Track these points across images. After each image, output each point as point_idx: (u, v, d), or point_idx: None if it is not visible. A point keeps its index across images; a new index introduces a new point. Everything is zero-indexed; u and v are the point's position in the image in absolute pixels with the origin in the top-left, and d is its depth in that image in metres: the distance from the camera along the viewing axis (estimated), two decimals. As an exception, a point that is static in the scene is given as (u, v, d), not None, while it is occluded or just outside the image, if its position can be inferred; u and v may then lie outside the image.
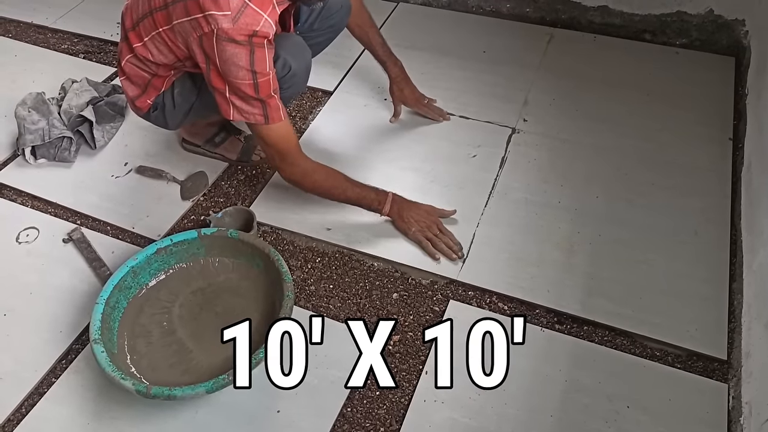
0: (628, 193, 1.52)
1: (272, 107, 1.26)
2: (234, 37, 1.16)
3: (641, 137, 1.65)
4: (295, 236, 1.49)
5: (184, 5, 1.19)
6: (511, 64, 1.91)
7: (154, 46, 1.31)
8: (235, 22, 1.15)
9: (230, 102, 1.24)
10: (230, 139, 1.67)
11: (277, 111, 1.27)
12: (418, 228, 1.42)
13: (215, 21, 1.15)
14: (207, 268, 1.36)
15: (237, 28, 1.15)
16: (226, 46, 1.17)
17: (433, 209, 1.46)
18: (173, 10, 1.22)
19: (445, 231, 1.43)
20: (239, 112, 1.26)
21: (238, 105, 1.25)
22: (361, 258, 1.44)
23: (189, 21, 1.19)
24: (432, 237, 1.41)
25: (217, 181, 1.64)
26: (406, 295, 1.36)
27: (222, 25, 1.15)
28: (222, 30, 1.15)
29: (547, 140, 1.67)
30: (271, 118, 1.27)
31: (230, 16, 1.15)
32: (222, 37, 1.16)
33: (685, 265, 1.36)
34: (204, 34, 1.18)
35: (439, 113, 1.74)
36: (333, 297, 1.37)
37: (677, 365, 1.22)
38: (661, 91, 1.78)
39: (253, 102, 1.24)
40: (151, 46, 1.31)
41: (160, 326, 1.28)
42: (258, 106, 1.24)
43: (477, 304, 1.34)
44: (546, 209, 1.50)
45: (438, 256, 1.40)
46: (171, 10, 1.22)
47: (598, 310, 1.29)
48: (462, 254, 1.41)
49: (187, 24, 1.20)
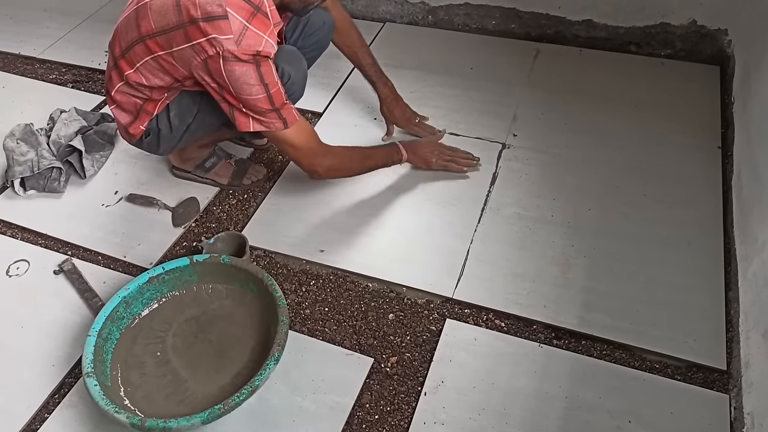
0: (620, 206, 1.52)
1: (287, 112, 1.31)
2: (240, 57, 1.20)
3: (631, 148, 1.66)
4: (289, 259, 1.49)
5: (184, 32, 1.21)
6: (498, 80, 1.93)
7: (148, 71, 1.32)
8: (239, 44, 1.19)
9: (249, 115, 1.29)
10: (221, 164, 1.67)
11: (292, 114, 1.32)
12: (436, 156, 1.59)
13: (219, 44, 1.19)
14: (200, 296, 1.35)
15: (241, 49, 1.19)
16: (234, 66, 1.20)
17: (430, 138, 1.66)
18: (173, 36, 1.23)
19: (453, 148, 1.63)
20: (259, 122, 1.30)
21: (256, 117, 1.30)
22: (356, 279, 1.43)
23: (191, 46, 1.21)
24: (451, 158, 1.60)
25: (209, 206, 1.63)
26: (402, 316, 1.35)
27: (227, 47, 1.18)
28: (228, 51, 1.19)
29: (538, 154, 1.68)
30: (289, 120, 1.32)
31: (233, 38, 1.19)
32: (228, 58, 1.20)
33: (680, 276, 1.36)
34: (209, 57, 1.21)
35: (430, 131, 1.74)
36: (328, 320, 1.36)
37: (677, 377, 1.21)
38: (649, 102, 1.79)
39: (269, 114, 1.28)
40: (145, 71, 1.32)
41: (154, 356, 1.26)
42: (274, 116, 1.30)
43: (474, 321, 1.33)
44: (539, 224, 1.50)
45: (465, 169, 1.60)
46: (170, 36, 1.24)
47: (595, 324, 1.29)
48: (478, 157, 1.62)
49: (188, 49, 1.22)
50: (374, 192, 1.61)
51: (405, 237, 1.49)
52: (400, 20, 2.23)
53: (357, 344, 1.31)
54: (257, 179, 1.66)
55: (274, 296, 1.24)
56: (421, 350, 1.29)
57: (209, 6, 1.19)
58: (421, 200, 1.58)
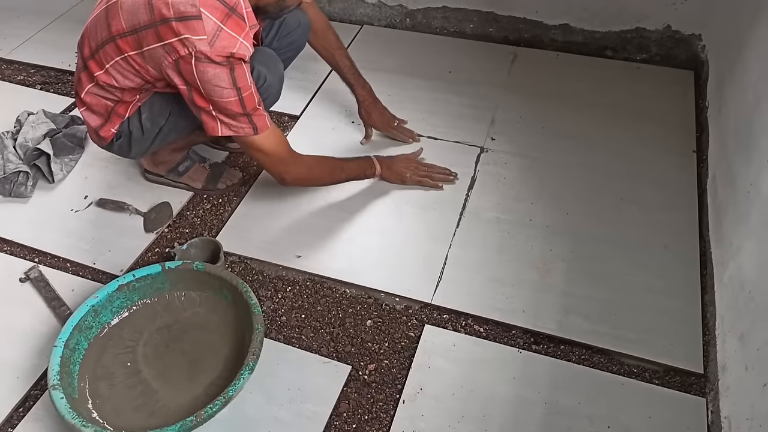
0: (598, 209, 1.52)
1: (259, 117, 1.28)
2: (213, 58, 1.17)
3: (608, 152, 1.67)
4: (264, 265, 1.46)
5: (155, 31, 1.18)
6: (476, 83, 1.92)
7: (118, 72, 1.28)
8: (212, 45, 1.16)
9: (217, 118, 1.25)
10: (195, 168, 1.63)
11: (263, 119, 1.29)
12: (411, 172, 1.58)
13: (192, 44, 1.16)
14: (172, 304, 1.31)
15: (214, 50, 1.16)
16: (206, 68, 1.17)
17: (407, 155, 1.63)
18: (143, 36, 1.20)
19: (430, 165, 1.62)
20: (228, 127, 1.27)
21: (226, 121, 1.26)
22: (333, 285, 1.41)
23: (162, 46, 1.18)
24: (426, 174, 1.59)
25: (182, 211, 1.60)
26: (380, 322, 1.34)
27: (200, 47, 1.16)
28: (200, 52, 1.16)
29: (516, 158, 1.67)
30: (260, 127, 1.29)
31: (206, 39, 1.16)
32: (201, 59, 1.17)
33: (657, 280, 1.36)
34: (181, 57, 1.17)
35: (408, 135, 1.73)
36: (305, 327, 1.33)
37: (655, 381, 1.21)
38: (625, 106, 1.80)
39: (240, 118, 1.25)
40: (115, 72, 1.29)
41: (124, 367, 1.23)
42: (245, 121, 1.26)
43: (452, 327, 1.32)
44: (518, 228, 1.49)
45: (441, 185, 1.58)
46: (141, 35, 1.20)
47: (574, 329, 1.28)
48: (455, 173, 1.60)
49: (159, 49, 1.19)
50: (352, 197, 1.59)
51: (383, 242, 1.48)
52: (378, 23, 2.21)
53: (334, 352, 1.29)
54: (232, 183, 1.63)
55: (249, 303, 1.22)
56: (400, 357, 1.27)
57: (182, 5, 1.16)
58: (400, 205, 1.56)
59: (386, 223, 1.52)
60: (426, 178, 1.58)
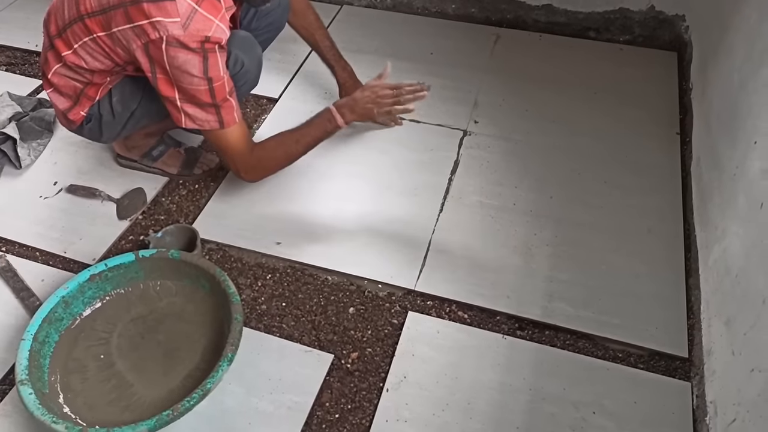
0: (581, 193, 1.51)
1: (227, 110, 1.22)
2: (186, 43, 1.11)
3: (591, 135, 1.65)
4: (243, 252, 1.42)
5: (124, 11, 1.12)
6: (459, 65, 1.89)
7: (87, 53, 1.22)
8: (186, 28, 1.10)
9: (182, 110, 1.20)
10: (170, 152, 1.58)
11: (232, 113, 1.24)
12: (377, 107, 1.45)
13: (164, 28, 1.10)
14: (147, 293, 1.27)
15: (188, 34, 1.11)
16: (177, 53, 1.12)
17: (370, 84, 1.46)
18: (112, 16, 1.14)
19: (397, 84, 1.45)
20: (192, 120, 1.22)
21: (191, 112, 1.21)
22: (314, 272, 1.38)
23: (131, 28, 1.13)
24: (393, 102, 1.45)
25: (157, 197, 1.55)
26: (363, 309, 1.31)
27: (172, 31, 1.10)
28: (172, 36, 1.10)
29: (499, 141, 1.65)
30: (226, 122, 1.24)
31: (180, 22, 1.10)
32: (172, 44, 1.11)
33: (641, 264, 1.35)
34: (151, 41, 1.12)
35: (390, 118, 1.69)
36: (286, 315, 1.30)
37: (640, 366, 1.20)
38: (608, 88, 1.78)
39: (207, 108, 1.20)
40: (83, 53, 1.23)
41: (97, 360, 1.18)
42: (213, 112, 1.21)
43: (436, 314, 1.30)
44: (502, 212, 1.47)
45: (412, 107, 1.46)
46: (109, 16, 1.15)
47: (558, 314, 1.27)
48: (428, 85, 1.44)
49: (129, 31, 1.13)
50: (332, 182, 1.55)
51: (365, 228, 1.45)
52: (358, 3, 2.16)
53: (316, 340, 1.26)
54: (209, 168, 1.58)
55: (227, 292, 1.18)
56: (383, 345, 1.25)
57: None
58: (381, 189, 1.53)
59: (368, 208, 1.49)
60: (395, 106, 1.45)
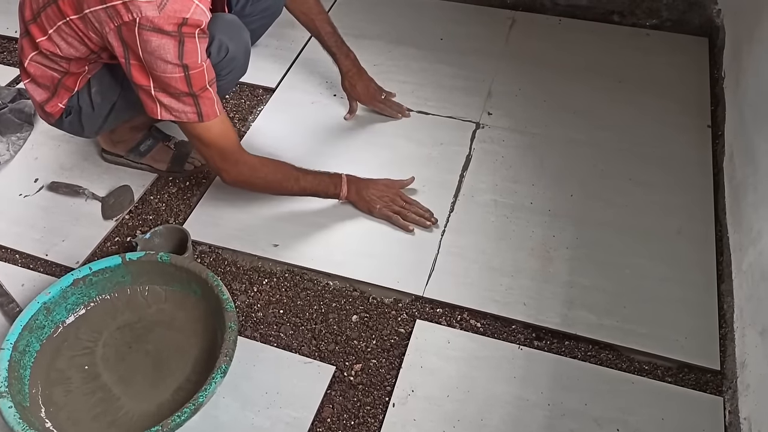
0: (604, 191, 1.50)
1: (206, 102, 1.21)
2: (161, 26, 1.10)
3: (615, 128, 1.64)
4: (238, 255, 1.43)
5: None
6: (471, 52, 1.88)
7: (62, 39, 1.23)
8: (162, 9, 1.10)
9: (156, 100, 1.19)
10: (158, 147, 1.59)
11: (212, 105, 1.22)
12: (382, 204, 1.44)
13: (137, 9, 1.10)
14: (135, 299, 1.28)
15: (164, 16, 1.10)
16: (150, 37, 1.11)
17: (392, 182, 1.48)
18: None
19: (411, 201, 1.46)
20: (168, 111, 1.21)
21: (167, 103, 1.20)
22: (315, 277, 1.38)
23: (104, 9, 1.13)
24: (399, 210, 1.44)
25: (145, 195, 1.56)
26: (367, 317, 1.31)
27: (146, 13, 1.09)
28: (146, 18, 1.10)
29: (515, 135, 1.64)
30: (206, 114, 1.22)
31: (155, 2, 1.10)
32: (146, 27, 1.10)
33: (669, 268, 1.34)
34: (124, 23, 1.11)
35: (397, 109, 1.70)
36: (284, 324, 1.31)
37: (668, 379, 1.20)
38: (634, 77, 1.78)
39: (184, 98, 1.19)
40: (58, 39, 1.23)
41: (81, 371, 1.19)
42: (190, 103, 1.20)
43: (447, 322, 1.30)
44: (518, 212, 1.47)
45: (411, 227, 1.43)
46: None
47: (579, 323, 1.27)
48: (435, 219, 1.44)
49: (101, 12, 1.13)
50: (334, 178, 1.55)
51: (369, 229, 1.45)
52: (362, -15, 2.15)
53: (316, 351, 1.26)
54: (201, 164, 1.59)
55: (221, 298, 1.19)
56: (389, 355, 1.25)
57: None
58: (387, 187, 1.53)
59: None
60: (397, 216, 1.43)
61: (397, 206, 1.44)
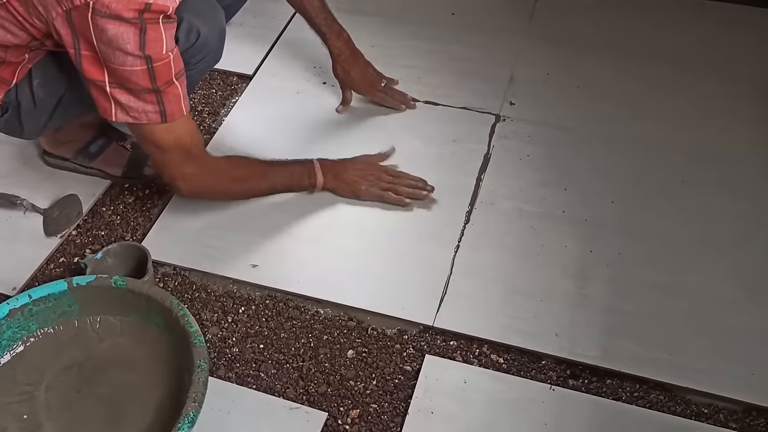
0: (651, 196, 1.52)
1: (171, 99, 1.23)
2: (119, 12, 1.13)
3: (664, 120, 1.66)
4: (209, 278, 1.45)
5: None
6: (488, 29, 1.90)
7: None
8: None
9: (112, 98, 1.22)
10: (112, 147, 1.61)
11: (178, 102, 1.25)
12: (368, 183, 1.51)
13: None
14: (84, 333, 1.29)
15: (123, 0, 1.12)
16: (106, 24, 1.13)
17: (370, 158, 1.57)
18: None
19: (397, 173, 1.54)
20: (125, 111, 1.23)
21: (123, 101, 1.22)
22: (302, 303, 1.40)
23: None
24: (389, 186, 1.51)
25: (96, 206, 1.58)
26: (366, 352, 1.33)
27: None
28: (101, 3, 1.12)
29: (543, 129, 1.67)
30: (170, 113, 1.25)
31: None
32: (101, 12, 1.13)
33: (732, 289, 1.36)
34: (74, 8, 1.14)
35: (400, 100, 1.72)
36: (265, 361, 1.32)
37: (732, 425, 1.21)
38: (686, 58, 1.80)
39: (145, 95, 1.21)
40: None
41: (19, 420, 1.20)
42: (152, 100, 1.22)
43: (462, 357, 1.31)
44: (547, 222, 1.48)
45: (408, 201, 1.50)
46: None
47: (623, 357, 1.28)
48: (431, 187, 1.52)
49: None
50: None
51: (367, 245, 1.47)
52: (356, -51, 2.18)
53: (305, 394, 1.28)
54: (163, 168, 1.61)
55: (188, 331, 1.19)
56: (392, 399, 1.26)
57: None
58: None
59: (370, 219, 1.51)
60: (389, 192, 1.50)
61: (385, 182, 1.51)
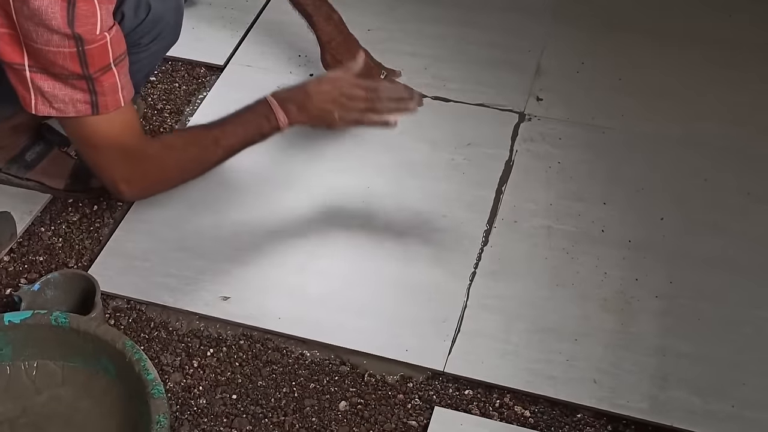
0: (710, 212, 1.52)
1: (107, 87, 1.24)
2: None
3: (722, 118, 1.67)
4: (170, 314, 1.44)
5: None
6: (511, 9, 1.92)
7: None
8: None
9: (32, 84, 1.22)
10: (53, 155, 1.62)
11: (115, 92, 1.25)
12: (341, 109, 1.39)
13: None
14: (17, 382, 1.29)
15: None
16: None
17: (332, 75, 1.47)
18: None
19: (372, 85, 1.44)
20: (47, 103, 1.23)
21: (47, 89, 1.22)
22: (283, 344, 1.40)
23: None
24: (366, 106, 1.39)
25: (33, 226, 1.59)
26: (362, 404, 1.32)
27: None
28: None
29: (577, 130, 1.68)
30: (103, 104, 1.25)
31: None
32: None
33: (809, 325, 1.36)
34: None
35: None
36: (238, 415, 1.32)
37: (810, 493, 1.20)
38: (745, 43, 1.82)
39: (74, 81, 1.21)
40: None
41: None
42: (82, 88, 1.22)
43: (480, 410, 1.31)
44: (582, 244, 1.49)
45: (393, 119, 1.39)
46: None
47: (676, 409, 1.27)
48: (420, 95, 1.40)
49: None
50: (310, 198, 1.58)
51: (363, 273, 1.47)
52: None
53: (287, 455, 1.28)
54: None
55: (144, 379, 1.19)
56: (395, 462, 1.26)
57: None
58: (389, 210, 1.56)
59: (366, 241, 1.52)
60: (368, 113, 1.41)
61: (361, 101, 1.40)
